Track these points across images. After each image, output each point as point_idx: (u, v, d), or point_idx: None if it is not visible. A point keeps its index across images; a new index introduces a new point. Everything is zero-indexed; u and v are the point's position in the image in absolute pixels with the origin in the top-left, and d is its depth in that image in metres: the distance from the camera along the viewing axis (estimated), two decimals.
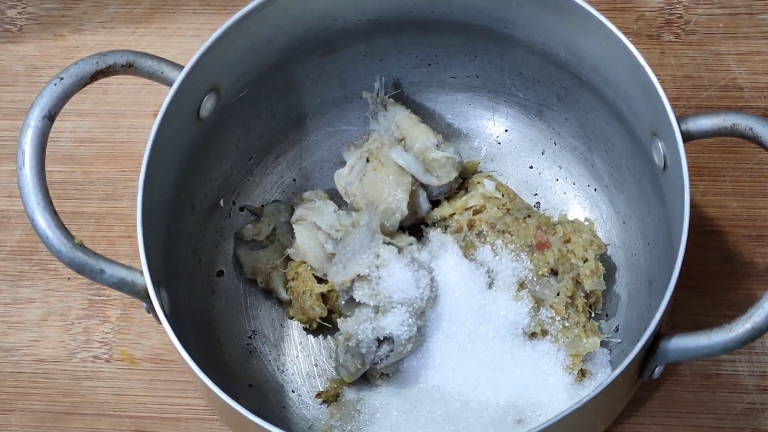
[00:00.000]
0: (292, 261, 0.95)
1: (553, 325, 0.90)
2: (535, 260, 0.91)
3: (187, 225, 0.93)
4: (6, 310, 1.00)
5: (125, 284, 0.80)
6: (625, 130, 0.90)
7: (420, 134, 0.97)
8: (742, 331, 0.74)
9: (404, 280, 0.88)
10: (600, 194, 0.98)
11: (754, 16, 1.07)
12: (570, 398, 0.88)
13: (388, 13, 0.93)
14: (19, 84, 1.11)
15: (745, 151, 1.00)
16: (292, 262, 0.95)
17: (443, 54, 0.98)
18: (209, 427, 0.94)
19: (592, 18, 0.84)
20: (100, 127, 1.08)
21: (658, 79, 0.80)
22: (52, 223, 0.78)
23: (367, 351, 0.89)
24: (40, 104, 0.80)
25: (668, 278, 0.77)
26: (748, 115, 0.78)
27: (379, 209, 0.92)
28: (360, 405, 0.91)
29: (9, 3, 1.15)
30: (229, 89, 0.91)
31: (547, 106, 0.98)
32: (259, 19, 0.87)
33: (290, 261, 0.95)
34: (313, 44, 0.94)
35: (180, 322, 0.85)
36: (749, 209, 0.99)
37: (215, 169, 0.96)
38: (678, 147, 0.78)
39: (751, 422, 0.91)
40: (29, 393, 0.97)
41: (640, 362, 0.78)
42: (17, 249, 1.03)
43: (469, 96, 1.01)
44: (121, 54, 0.83)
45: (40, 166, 0.79)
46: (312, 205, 0.96)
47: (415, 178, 0.94)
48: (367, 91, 0.99)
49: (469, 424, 0.88)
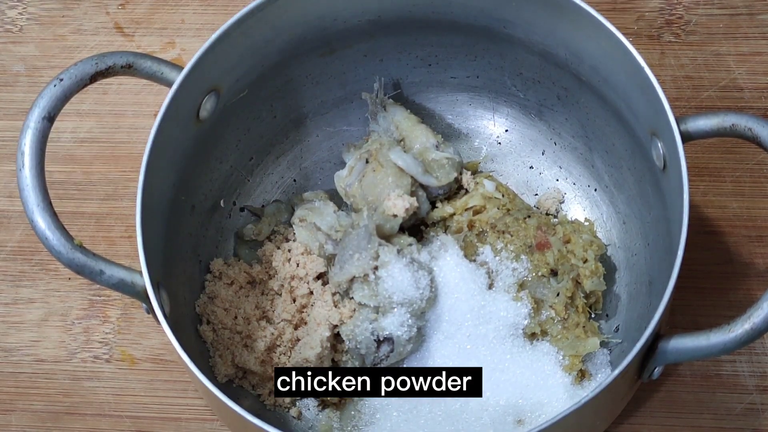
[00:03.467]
0: None
1: (553, 325, 0.90)
2: (535, 261, 0.91)
3: (188, 225, 0.93)
4: (6, 310, 1.00)
5: (125, 285, 0.80)
6: (626, 130, 0.90)
7: (419, 135, 0.97)
8: (740, 332, 0.74)
9: (404, 281, 0.88)
10: (600, 194, 0.98)
11: (754, 17, 1.07)
12: (570, 398, 0.88)
13: (388, 14, 0.93)
14: (19, 84, 1.11)
15: (745, 152, 1.00)
16: None
17: (443, 54, 0.98)
18: (209, 428, 0.94)
19: (591, 18, 0.84)
20: (100, 128, 1.08)
21: (657, 80, 0.80)
22: (51, 224, 0.78)
23: (367, 351, 0.89)
24: (39, 105, 0.80)
25: (668, 278, 0.77)
26: (747, 115, 0.78)
27: (379, 210, 0.92)
28: (360, 405, 0.91)
29: (10, 3, 1.15)
30: (229, 90, 0.91)
31: (547, 106, 0.98)
32: (258, 19, 0.87)
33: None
34: (313, 44, 0.94)
35: (180, 323, 0.85)
36: (749, 209, 0.99)
37: (215, 169, 0.96)
38: (677, 147, 0.78)
39: (752, 423, 0.91)
40: (29, 393, 0.97)
41: (640, 363, 0.78)
42: (17, 249, 1.03)
43: (469, 96, 1.01)
44: (121, 55, 0.83)
45: (39, 168, 0.79)
46: (312, 206, 0.96)
47: (414, 178, 0.94)
48: (366, 92, 0.99)
49: (469, 424, 0.88)
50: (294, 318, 0.92)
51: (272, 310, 0.93)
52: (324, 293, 0.92)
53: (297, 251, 0.95)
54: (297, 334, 0.92)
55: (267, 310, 0.93)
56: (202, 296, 0.93)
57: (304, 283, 0.93)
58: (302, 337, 0.91)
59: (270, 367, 0.91)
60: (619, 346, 0.91)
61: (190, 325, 0.91)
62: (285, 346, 0.91)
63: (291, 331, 0.92)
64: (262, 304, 0.93)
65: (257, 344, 0.91)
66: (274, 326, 0.92)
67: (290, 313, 0.92)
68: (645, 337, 0.75)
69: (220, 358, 0.90)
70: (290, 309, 0.92)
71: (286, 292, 0.93)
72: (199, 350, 0.90)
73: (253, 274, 0.95)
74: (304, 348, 0.89)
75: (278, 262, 0.94)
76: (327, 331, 0.89)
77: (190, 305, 0.92)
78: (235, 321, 0.92)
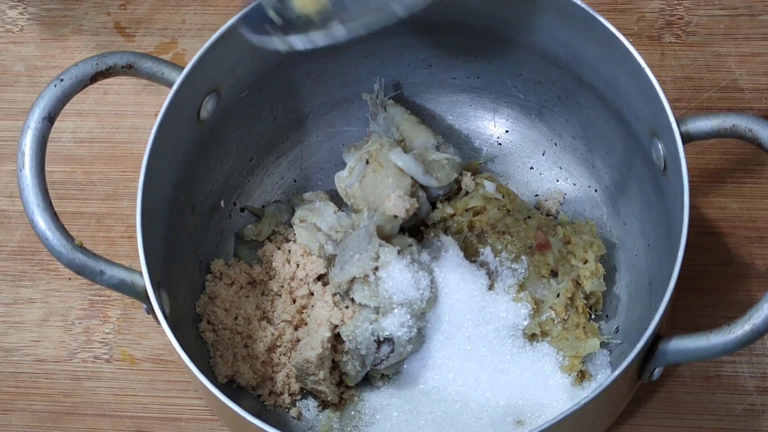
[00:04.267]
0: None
1: (553, 326, 0.90)
2: (535, 261, 0.91)
3: (188, 226, 0.93)
4: (7, 310, 1.00)
5: (125, 285, 0.80)
6: (626, 131, 0.90)
7: (420, 135, 0.97)
8: (741, 333, 0.74)
9: (404, 282, 0.88)
10: (600, 195, 0.97)
11: (755, 18, 1.07)
12: (570, 399, 0.88)
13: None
14: (20, 84, 1.11)
15: (745, 153, 1.00)
16: None
17: (444, 55, 0.98)
18: (209, 428, 0.94)
19: (591, 19, 0.84)
20: (100, 128, 1.08)
21: (658, 81, 0.80)
22: (52, 225, 0.78)
23: (367, 352, 0.89)
24: (39, 106, 0.80)
25: (668, 279, 0.77)
26: (747, 116, 0.78)
27: (379, 211, 0.92)
28: (360, 406, 0.91)
29: (10, 3, 1.15)
30: (230, 90, 0.91)
31: (547, 107, 0.98)
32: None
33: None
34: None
35: (180, 323, 0.85)
36: (750, 211, 0.99)
37: (216, 170, 0.96)
38: (678, 148, 0.78)
39: (752, 424, 0.91)
40: (30, 393, 0.97)
41: (640, 364, 0.78)
42: (18, 249, 1.03)
43: (469, 97, 1.01)
44: (121, 55, 0.83)
45: (40, 168, 0.79)
46: (312, 206, 0.96)
47: (414, 179, 0.94)
48: (367, 93, 0.99)
49: (469, 425, 0.88)
50: (294, 319, 0.92)
51: (272, 311, 0.93)
52: (324, 294, 0.92)
53: (297, 252, 0.95)
54: (297, 335, 0.92)
55: (267, 311, 0.93)
56: (203, 296, 0.93)
57: (304, 285, 0.93)
58: (302, 338, 0.91)
59: (270, 368, 0.91)
60: (620, 347, 0.91)
61: (191, 326, 0.91)
62: (285, 347, 0.91)
63: (291, 332, 0.92)
64: (262, 304, 0.93)
65: (257, 345, 0.91)
66: (275, 327, 0.92)
67: (290, 313, 0.92)
68: (645, 337, 0.75)
69: (220, 359, 0.90)
70: (290, 310, 0.92)
71: (286, 292, 0.93)
72: (199, 351, 0.91)
73: (253, 274, 0.95)
74: (305, 348, 0.89)
75: (278, 263, 0.94)
76: (328, 331, 0.89)
77: (191, 306, 0.92)
78: (236, 321, 0.92)
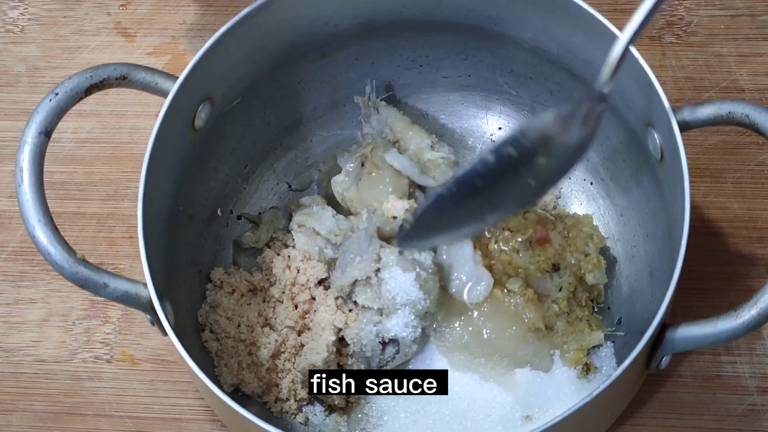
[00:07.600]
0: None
1: (556, 320, 0.90)
2: (536, 256, 0.91)
3: (186, 235, 0.92)
4: (7, 311, 1.00)
5: (129, 297, 0.79)
6: (620, 122, 0.90)
7: (414, 136, 0.97)
8: (747, 317, 0.74)
9: (407, 282, 0.87)
10: (596, 187, 0.98)
11: (755, 18, 1.07)
12: (576, 392, 0.88)
13: (379, 16, 0.93)
14: (20, 85, 1.10)
15: (746, 153, 1.00)
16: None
17: (434, 54, 0.99)
18: (210, 428, 0.94)
19: (579, 10, 0.84)
20: (101, 128, 1.07)
21: (658, 80, 0.80)
22: (53, 239, 0.78)
23: (372, 354, 0.89)
24: (36, 120, 0.79)
25: (669, 269, 0.77)
26: (743, 102, 0.78)
27: (378, 212, 0.92)
28: (367, 408, 0.91)
29: (11, 4, 1.15)
30: (223, 98, 0.90)
31: (539, 102, 0.98)
32: (250, 26, 0.86)
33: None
34: (305, 50, 0.94)
35: (183, 333, 0.85)
36: (750, 211, 0.98)
37: (211, 178, 0.95)
38: (675, 136, 0.79)
39: (752, 424, 0.91)
40: (30, 393, 0.97)
41: (648, 353, 0.78)
42: (18, 249, 1.02)
43: (461, 95, 1.02)
44: (115, 67, 0.83)
45: (38, 183, 0.78)
46: (310, 211, 0.96)
47: (411, 180, 0.94)
48: (358, 95, 0.99)
49: (477, 422, 0.88)
50: (297, 324, 0.92)
51: (275, 317, 0.93)
52: (326, 298, 0.92)
53: (297, 258, 0.94)
54: (301, 340, 0.92)
55: (269, 318, 0.93)
56: (204, 306, 0.93)
57: (305, 290, 0.93)
58: (306, 343, 0.91)
59: (275, 374, 0.91)
60: (623, 338, 0.91)
61: (193, 335, 0.91)
62: (289, 353, 0.91)
63: (295, 338, 0.92)
64: (264, 311, 0.93)
65: (261, 352, 0.91)
66: (278, 333, 0.92)
67: (293, 319, 0.92)
68: (654, 326, 0.75)
69: (225, 367, 0.90)
70: (293, 315, 0.92)
71: (288, 298, 0.93)
72: (203, 360, 0.90)
73: (254, 281, 0.94)
74: (311, 353, 0.89)
75: (279, 269, 0.94)
76: (332, 335, 0.89)
77: (192, 315, 0.92)
78: (239, 329, 0.92)
